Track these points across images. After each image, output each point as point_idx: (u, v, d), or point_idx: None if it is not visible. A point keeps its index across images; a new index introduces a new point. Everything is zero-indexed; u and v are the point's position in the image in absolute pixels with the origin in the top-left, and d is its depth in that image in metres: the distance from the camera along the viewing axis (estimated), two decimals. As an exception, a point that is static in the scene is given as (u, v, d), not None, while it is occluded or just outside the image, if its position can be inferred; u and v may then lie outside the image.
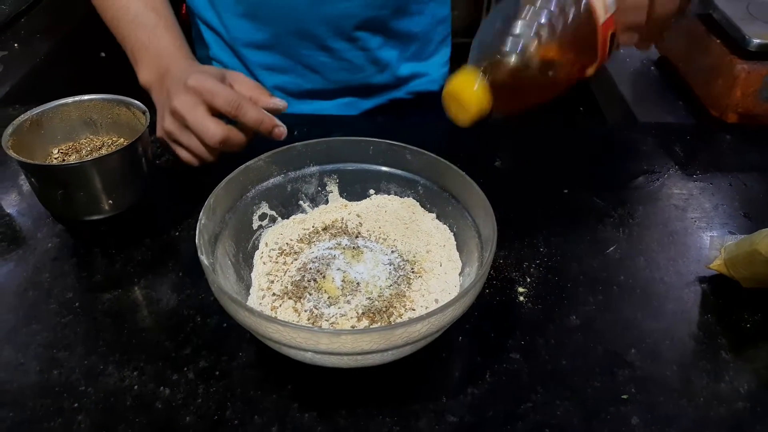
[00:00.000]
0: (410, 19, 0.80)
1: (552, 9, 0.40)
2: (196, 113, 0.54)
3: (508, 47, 0.40)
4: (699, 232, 0.59)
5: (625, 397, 0.44)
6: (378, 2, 0.75)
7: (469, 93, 0.40)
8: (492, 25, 0.41)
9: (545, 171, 0.68)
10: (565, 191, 0.64)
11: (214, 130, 0.54)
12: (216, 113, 0.56)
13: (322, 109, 0.83)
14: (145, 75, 0.62)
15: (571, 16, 0.40)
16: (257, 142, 0.57)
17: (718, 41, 0.80)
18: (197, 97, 0.55)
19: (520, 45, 0.39)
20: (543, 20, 0.39)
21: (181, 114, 0.55)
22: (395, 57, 0.82)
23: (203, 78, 0.55)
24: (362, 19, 0.75)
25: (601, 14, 0.42)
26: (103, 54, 1.08)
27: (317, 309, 0.45)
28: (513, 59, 0.39)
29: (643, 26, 0.46)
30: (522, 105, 0.43)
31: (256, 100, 0.58)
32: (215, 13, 0.78)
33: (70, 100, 0.59)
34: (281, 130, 0.56)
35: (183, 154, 0.58)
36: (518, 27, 0.39)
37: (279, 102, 0.59)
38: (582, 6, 0.41)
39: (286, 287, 0.47)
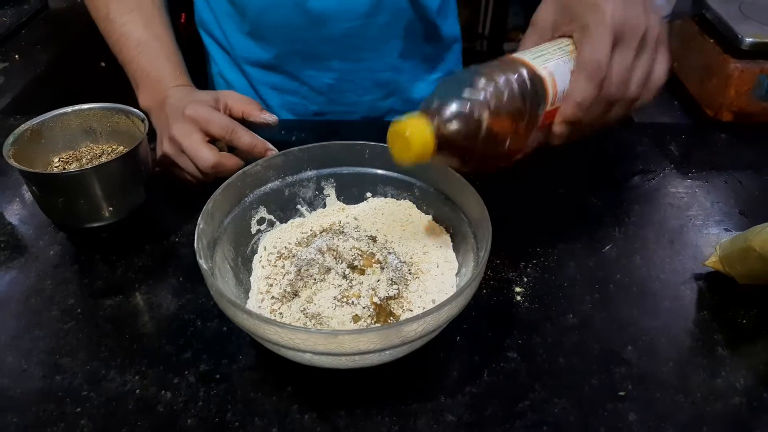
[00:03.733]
0: (419, 39, 0.78)
1: (503, 84, 0.42)
2: (192, 140, 0.57)
3: (455, 105, 0.42)
4: (695, 230, 0.59)
5: (622, 393, 0.44)
6: (382, 20, 0.73)
7: (416, 135, 0.42)
8: (449, 84, 0.44)
9: (541, 171, 0.68)
10: (561, 191, 0.64)
11: (207, 155, 0.57)
12: (211, 140, 0.59)
13: None
14: (145, 100, 0.65)
15: (520, 94, 0.43)
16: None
17: (712, 41, 0.81)
18: (193, 125, 0.58)
19: (468, 105, 0.42)
20: (492, 89, 0.42)
21: (178, 141, 0.58)
22: (404, 79, 0.80)
23: (199, 107, 0.59)
24: (367, 39, 0.73)
25: (549, 101, 0.45)
26: (103, 64, 1.09)
27: (315, 311, 0.46)
28: (457, 116, 0.42)
29: (580, 123, 0.46)
30: (460, 163, 0.45)
31: (248, 115, 0.61)
32: (222, 31, 0.78)
33: (69, 109, 0.60)
34: (274, 154, 0.58)
35: (180, 176, 0.61)
36: (469, 91, 0.42)
37: (269, 117, 0.62)
38: (532, 89, 0.43)
39: (285, 290, 0.48)
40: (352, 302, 0.45)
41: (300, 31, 0.73)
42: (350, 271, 0.47)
